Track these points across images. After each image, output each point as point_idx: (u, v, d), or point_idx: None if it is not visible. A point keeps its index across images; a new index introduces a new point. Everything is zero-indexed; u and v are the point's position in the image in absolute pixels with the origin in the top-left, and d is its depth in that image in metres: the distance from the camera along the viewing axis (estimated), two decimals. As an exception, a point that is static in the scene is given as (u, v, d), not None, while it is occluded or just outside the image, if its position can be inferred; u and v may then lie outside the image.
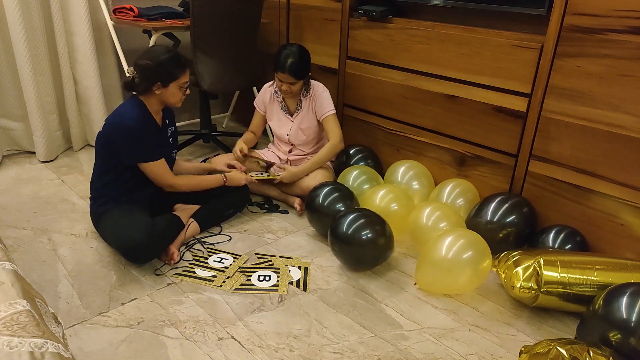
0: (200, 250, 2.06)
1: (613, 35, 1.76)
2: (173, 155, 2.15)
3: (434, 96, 2.35)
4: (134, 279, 1.86)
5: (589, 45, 1.82)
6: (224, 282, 1.87)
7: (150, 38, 2.64)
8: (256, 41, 2.83)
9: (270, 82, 2.55)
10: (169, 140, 2.10)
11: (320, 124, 2.50)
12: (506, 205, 2.02)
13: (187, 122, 3.44)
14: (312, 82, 2.47)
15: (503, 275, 1.80)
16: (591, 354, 1.32)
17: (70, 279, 1.84)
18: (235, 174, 2.23)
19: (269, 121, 2.61)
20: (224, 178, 2.17)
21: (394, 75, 2.49)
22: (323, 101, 2.44)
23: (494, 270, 1.87)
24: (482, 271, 1.79)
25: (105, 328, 1.61)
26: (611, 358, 1.33)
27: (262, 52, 3.02)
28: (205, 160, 2.84)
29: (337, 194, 2.13)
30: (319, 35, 2.78)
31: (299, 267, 1.98)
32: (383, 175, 2.49)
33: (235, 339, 1.59)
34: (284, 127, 2.54)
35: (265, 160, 2.50)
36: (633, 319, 1.39)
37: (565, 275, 1.65)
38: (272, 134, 2.69)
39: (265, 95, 2.56)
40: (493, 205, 2.03)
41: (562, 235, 1.93)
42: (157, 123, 2.00)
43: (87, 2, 2.69)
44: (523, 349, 1.46)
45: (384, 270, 1.99)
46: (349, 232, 1.88)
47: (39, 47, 2.65)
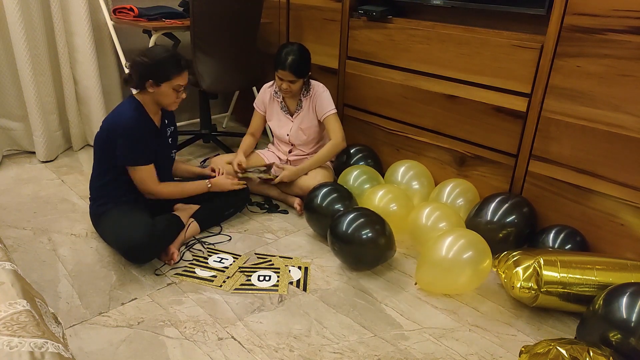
0: (200, 250, 2.06)
1: (613, 35, 1.76)
2: (172, 155, 2.15)
3: (434, 96, 2.35)
4: (134, 279, 1.86)
5: (589, 45, 1.82)
6: (224, 282, 1.87)
7: (150, 38, 2.63)
8: (256, 41, 2.82)
9: (270, 83, 2.55)
10: (168, 140, 2.10)
11: (321, 124, 2.50)
12: (506, 205, 2.02)
13: (187, 122, 3.45)
14: (312, 82, 2.47)
15: (503, 275, 1.80)
16: (591, 354, 1.32)
17: (70, 279, 1.84)
18: (221, 179, 2.19)
19: (268, 121, 2.61)
20: (208, 183, 2.14)
21: (394, 75, 2.49)
22: (324, 101, 2.44)
23: (494, 270, 1.87)
24: (483, 271, 1.79)
25: (105, 328, 1.61)
26: (611, 358, 1.33)
27: (262, 52, 3.02)
28: (205, 161, 2.85)
29: (335, 194, 2.13)
30: (319, 35, 2.78)
31: (299, 267, 1.98)
32: (383, 175, 2.49)
33: (235, 339, 1.59)
34: (284, 127, 2.53)
35: (265, 166, 2.50)
36: (633, 319, 1.39)
37: (565, 275, 1.65)
38: (272, 134, 2.69)
39: (265, 95, 2.56)
40: (493, 205, 2.03)
41: (562, 235, 1.93)
42: (154, 124, 1.99)
43: (87, 2, 2.69)
44: (523, 349, 1.46)
45: (384, 270, 1.99)
46: (349, 232, 1.88)
47: (39, 47, 2.65)
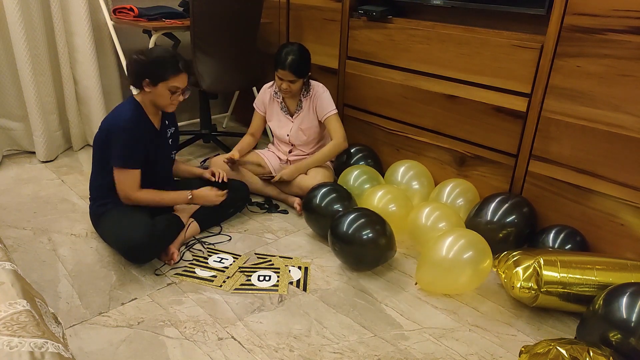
0: (200, 250, 2.06)
1: (613, 35, 1.75)
2: (172, 156, 2.15)
3: (434, 96, 2.35)
4: (134, 279, 1.86)
5: (589, 45, 1.82)
6: (224, 282, 1.87)
7: (150, 38, 2.63)
8: (256, 41, 2.82)
9: (270, 83, 2.55)
10: (169, 141, 2.10)
11: (321, 124, 2.50)
12: (506, 205, 2.02)
13: (187, 122, 3.44)
14: (312, 83, 2.47)
15: (503, 275, 1.80)
16: (591, 354, 1.32)
17: (70, 279, 1.84)
18: (204, 191, 2.06)
19: (268, 122, 2.61)
20: (189, 195, 2.02)
21: (394, 75, 2.49)
22: (324, 101, 2.44)
23: (494, 270, 1.87)
24: (483, 271, 1.79)
25: (105, 328, 1.61)
26: (611, 358, 1.33)
27: (262, 52, 3.02)
28: (205, 161, 2.85)
29: (334, 194, 2.13)
30: (319, 35, 2.78)
31: (299, 267, 1.98)
32: (383, 175, 2.49)
33: (235, 339, 1.59)
34: (284, 127, 2.53)
35: (268, 174, 2.50)
36: (633, 319, 1.39)
37: (565, 275, 1.65)
38: (272, 134, 2.69)
39: (265, 96, 2.56)
40: (493, 205, 2.03)
41: (562, 235, 1.93)
42: (153, 125, 1.99)
43: (87, 2, 2.69)
44: (523, 349, 1.46)
45: (384, 270, 1.99)
46: (350, 232, 1.88)
47: (39, 47, 2.65)
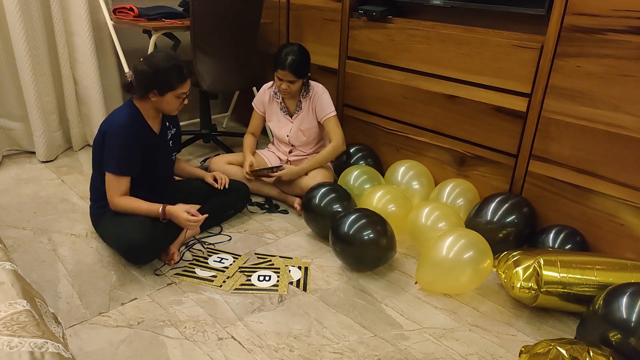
0: (200, 250, 2.06)
1: (613, 35, 1.75)
2: (172, 157, 2.14)
3: (434, 96, 2.35)
4: (134, 279, 1.86)
5: (589, 45, 1.82)
6: (224, 282, 1.87)
7: (150, 38, 2.63)
8: (256, 41, 2.82)
9: (270, 83, 2.55)
10: (169, 143, 2.09)
11: (321, 125, 2.50)
12: (506, 205, 2.02)
13: (187, 122, 3.45)
14: (312, 83, 2.47)
15: (503, 275, 1.80)
16: (591, 354, 1.32)
17: (70, 279, 1.84)
18: (177, 210, 1.88)
19: (268, 122, 2.60)
20: (162, 210, 1.89)
21: (394, 75, 2.49)
22: (323, 103, 2.44)
23: (494, 270, 1.87)
24: (483, 271, 1.79)
25: (105, 328, 1.61)
26: (611, 358, 1.33)
27: (262, 52, 3.02)
28: (205, 160, 2.85)
29: (333, 194, 2.13)
30: (319, 35, 2.78)
31: (299, 267, 1.98)
32: (383, 175, 2.49)
33: (235, 339, 1.59)
34: (283, 128, 2.53)
35: (271, 173, 2.46)
36: (633, 319, 1.39)
37: (565, 275, 1.65)
38: (272, 134, 2.69)
39: (265, 96, 2.56)
40: (493, 205, 2.03)
41: (562, 235, 1.93)
42: (152, 130, 1.98)
43: (87, 2, 2.69)
44: (523, 349, 1.46)
45: (384, 270, 1.99)
46: (351, 232, 1.88)
47: (39, 47, 2.65)
